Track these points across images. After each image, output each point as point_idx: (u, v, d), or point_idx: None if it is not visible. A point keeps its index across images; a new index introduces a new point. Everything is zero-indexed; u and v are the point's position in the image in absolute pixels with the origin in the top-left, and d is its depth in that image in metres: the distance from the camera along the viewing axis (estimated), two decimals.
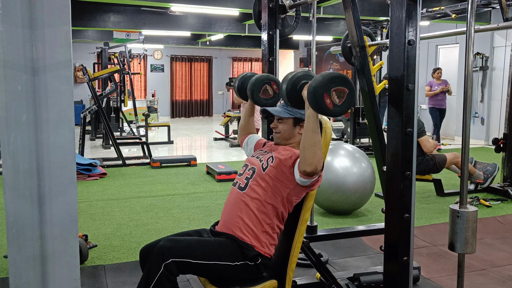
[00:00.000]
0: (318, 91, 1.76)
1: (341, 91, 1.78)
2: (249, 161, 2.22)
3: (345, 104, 1.80)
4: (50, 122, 1.41)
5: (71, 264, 1.48)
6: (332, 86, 1.76)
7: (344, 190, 4.24)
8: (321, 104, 1.77)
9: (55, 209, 1.44)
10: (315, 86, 1.77)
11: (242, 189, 2.11)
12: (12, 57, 1.35)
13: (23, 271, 1.43)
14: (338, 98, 1.78)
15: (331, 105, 1.77)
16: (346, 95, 1.79)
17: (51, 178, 1.42)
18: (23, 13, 1.35)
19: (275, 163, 2.08)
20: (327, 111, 1.80)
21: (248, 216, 2.05)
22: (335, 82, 1.77)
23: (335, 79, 1.77)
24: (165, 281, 1.86)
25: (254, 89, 2.27)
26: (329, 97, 1.76)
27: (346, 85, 1.79)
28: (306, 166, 1.88)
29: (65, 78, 1.42)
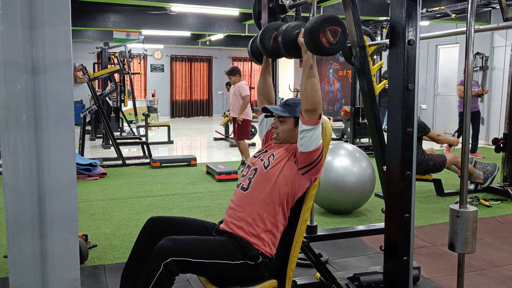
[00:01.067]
0: (314, 32, 1.88)
1: (335, 31, 1.91)
2: (251, 162, 2.24)
3: (340, 42, 1.92)
4: (50, 122, 1.41)
5: (71, 264, 1.48)
6: (326, 26, 1.89)
7: (344, 189, 4.25)
8: (318, 44, 1.90)
9: (55, 209, 1.44)
10: (311, 28, 1.89)
11: (245, 190, 2.12)
12: (12, 57, 1.35)
13: (23, 271, 1.43)
14: (333, 37, 1.91)
15: (327, 44, 1.90)
16: (340, 34, 1.92)
17: (51, 178, 1.42)
18: (23, 13, 1.35)
19: (276, 159, 2.12)
20: (324, 50, 1.92)
21: (251, 216, 2.05)
22: (329, 22, 1.89)
23: (328, 19, 1.90)
24: (165, 281, 1.86)
25: (264, 37, 2.28)
26: (325, 36, 1.89)
27: (339, 25, 1.91)
28: (307, 105, 2.00)
29: (65, 78, 1.42)
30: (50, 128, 1.41)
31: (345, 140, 8.89)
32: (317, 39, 1.88)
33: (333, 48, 1.92)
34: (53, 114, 1.41)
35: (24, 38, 1.36)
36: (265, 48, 2.29)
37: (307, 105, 2.00)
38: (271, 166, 2.10)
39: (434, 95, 10.82)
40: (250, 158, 2.28)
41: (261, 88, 2.46)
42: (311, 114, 2.01)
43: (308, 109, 2.00)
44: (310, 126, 2.01)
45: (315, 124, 2.01)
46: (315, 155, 2.04)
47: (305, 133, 2.02)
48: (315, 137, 2.02)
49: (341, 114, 9.68)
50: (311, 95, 1.99)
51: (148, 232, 2.14)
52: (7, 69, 1.35)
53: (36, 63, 1.37)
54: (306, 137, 2.02)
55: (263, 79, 2.45)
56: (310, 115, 2.01)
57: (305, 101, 2.01)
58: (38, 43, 1.37)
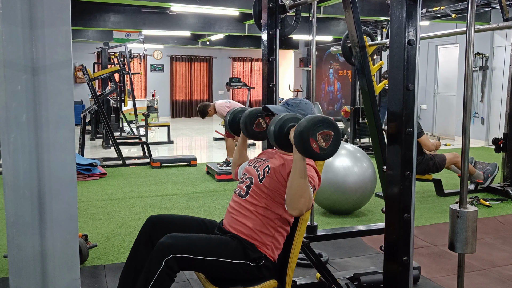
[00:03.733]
0: (304, 137, 1.75)
1: (327, 134, 1.78)
2: (247, 171, 2.22)
3: (332, 147, 1.80)
4: (50, 122, 1.41)
5: (71, 264, 1.49)
6: (317, 130, 1.76)
7: (344, 189, 4.24)
8: (308, 149, 1.77)
9: (55, 209, 1.44)
10: (301, 131, 1.76)
11: (243, 196, 2.12)
12: (12, 57, 1.35)
13: (23, 271, 1.43)
14: (324, 141, 1.78)
15: (318, 149, 1.78)
16: (332, 138, 1.79)
17: (51, 178, 1.42)
18: (23, 13, 1.35)
19: (270, 173, 2.09)
20: (314, 155, 1.79)
21: (252, 221, 2.05)
22: (320, 126, 1.77)
23: (320, 122, 1.77)
24: (166, 278, 1.86)
25: (247, 121, 2.26)
26: (315, 141, 1.77)
27: (331, 128, 1.79)
28: (291, 209, 1.87)
29: (65, 78, 1.42)
30: (50, 128, 1.41)
31: (345, 140, 8.89)
32: (307, 144, 1.76)
33: (325, 153, 1.79)
34: (53, 114, 1.41)
35: (24, 38, 1.36)
36: (248, 132, 2.28)
37: (290, 209, 1.86)
38: (265, 180, 2.08)
39: (434, 95, 10.82)
40: (246, 167, 2.27)
41: (237, 160, 2.45)
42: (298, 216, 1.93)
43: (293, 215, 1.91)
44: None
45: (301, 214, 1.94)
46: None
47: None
48: None
49: (341, 114, 9.68)
50: (295, 199, 1.84)
51: (148, 231, 2.14)
52: (7, 69, 1.35)
53: (36, 63, 1.37)
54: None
55: (240, 153, 2.45)
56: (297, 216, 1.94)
57: (289, 202, 1.86)
58: (38, 43, 1.37)
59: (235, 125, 2.39)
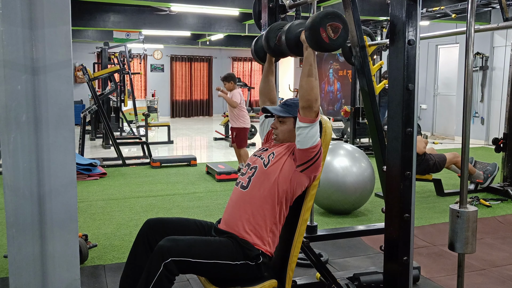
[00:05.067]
0: (315, 26, 1.87)
1: (336, 27, 1.90)
2: (251, 160, 2.24)
3: (340, 39, 1.91)
4: (50, 122, 1.41)
5: (71, 264, 1.49)
6: (327, 21, 1.88)
7: (344, 189, 4.24)
8: (318, 38, 1.88)
9: (55, 209, 1.44)
10: (312, 22, 1.88)
11: (245, 188, 2.12)
12: (12, 57, 1.35)
13: (23, 271, 1.43)
14: (333, 32, 1.90)
15: (327, 39, 1.89)
16: (341, 30, 1.91)
17: (51, 178, 1.42)
18: (23, 13, 1.35)
19: (275, 157, 2.13)
20: (324, 45, 1.90)
21: (252, 215, 2.05)
22: (330, 18, 1.88)
23: (330, 14, 1.89)
24: (165, 281, 1.86)
25: (269, 36, 2.30)
26: (325, 31, 1.88)
27: (340, 21, 1.91)
28: (303, 101, 2.00)
29: (65, 78, 1.42)
30: (50, 128, 1.41)
31: (345, 140, 8.89)
32: (317, 33, 1.87)
33: (333, 43, 1.90)
34: (53, 114, 1.41)
35: (24, 38, 1.36)
36: (270, 47, 2.31)
37: (303, 102, 2.01)
38: (270, 164, 2.11)
39: (434, 95, 10.82)
40: (250, 157, 2.29)
41: (263, 88, 2.47)
42: (306, 111, 2.01)
43: (304, 106, 2.01)
44: (306, 123, 2.01)
45: (311, 122, 2.01)
46: (312, 152, 2.04)
47: (301, 130, 2.02)
48: (311, 135, 2.02)
49: (341, 114, 9.68)
50: (307, 92, 1.98)
51: (146, 234, 2.13)
52: (7, 69, 1.35)
53: (36, 63, 1.37)
54: (302, 134, 2.02)
55: (266, 79, 2.46)
56: (306, 112, 2.01)
57: (301, 98, 2.02)
58: (38, 43, 1.37)
59: (259, 50, 2.46)
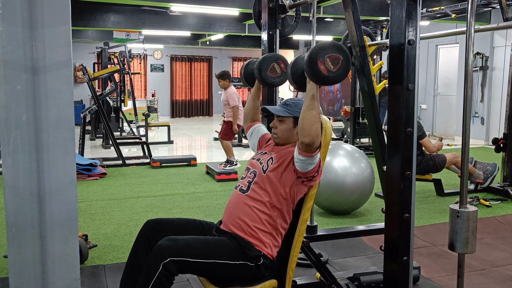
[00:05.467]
0: (312, 58, 1.81)
1: (336, 58, 1.82)
2: (250, 164, 2.23)
3: (340, 71, 1.84)
4: (50, 122, 1.41)
5: (71, 264, 1.48)
6: (326, 52, 1.81)
7: (343, 190, 4.24)
8: (315, 71, 1.82)
9: (55, 209, 1.44)
10: (310, 54, 1.83)
11: (244, 192, 2.12)
12: (12, 57, 1.35)
13: (23, 271, 1.43)
14: (333, 64, 1.82)
15: (326, 71, 1.82)
16: (341, 62, 1.84)
17: (51, 178, 1.42)
18: (23, 13, 1.35)
19: (274, 164, 2.10)
20: (321, 77, 1.83)
21: (251, 218, 2.05)
22: (329, 49, 1.82)
23: (329, 46, 1.82)
24: (164, 281, 1.85)
25: (262, 67, 2.29)
26: (323, 63, 1.81)
27: (340, 52, 1.83)
28: (303, 137, 1.91)
29: (65, 78, 1.42)
30: (50, 128, 1.41)
31: (345, 140, 8.89)
32: (314, 66, 1.80)
33: (333, 76, 1.82)
34: (53, 114, 1.41)
35: (24, 38, 1.36)
36: (262, 77, 2.30)
37: (303, 137, 1.91)
38: (269, 170, 2.09)
39: (434, 95, 10.82)
40: (249, 161, 2.27)
41: (249, 111, 2.48)
42: (307, 147, 1.93)
43: (304, 142, 1.92)
44: (305, 157, 1.96)
45: (310, 156, 1.96)
46: (312, 171, 2.02)
47: (300, 162, 1.98)
48: (311, 164, 1.99)
49: (341, 114, 9.68)
50: (308, 127, 1.90)
51: (146, 234, 2.13)
52: (7, 69, 1.35)
53: (36, 63, 1.37)
54: (301, 164, 1.98)
55: (252, 103, 2.46)
56: (306, 148, 1.93)
57: (302, 133, 1.92)
58: (38, 43, 1.37)
59: (249, 75, 2.43)
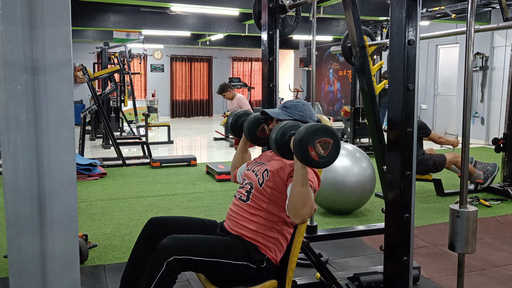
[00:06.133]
0: (303, 145, 1.76)
1: (325, 142, 1.78)
2: (246, 176, 2.22)
3: (331, 155, 1.80)
4: (50, 122, 1.41)
5: (71, 264, 1.49)
6: (316, 138, 1.77)
7: (344, 189, 4.24)
8: (307, 157, 1.77)
9: (55, 209, 1.44)
10: (299, 139, 1.77)
11: (245, 201, 2.12)
12: (12, 57, 1.35)
13: (23, 271, 1.43)
14: (323, 149, 1.78)
15: (317, 157, 1.78)
16: (331, 146, 1.80)
17: (51, 178, 1.42)
18: (23, 13, 1.35)
19: (270, 177, 2.08)
20: (313, 163, 1.79)
21: (255, 225, 2.05)
22: (318, 134, 1.77)
23: (318, 131, 1.78)
24: (167, 279, 1.86)
25: (251, 126, 2.25)
26: (314, 149, 1.77)
27: (329, 136, 1.79)
28: (294, 217, 1.86)
29: (65, 78, 1.42)
30: (50, 128, 1.41)
31: (345, 140, 8.89)
32: (305, 152, 1.76)
33: (324, 160, 1.79)
34: (53, 114, 1.41)
35: (24, 38, 1.36)
36: (251, 135, 2.27)
37: (293, 217, 1.86)
38: (265, 184, 2.08)
39: (434, 95, 10.82)
40: (245, 172, 2.26)
41: (236, 163, 2.44)
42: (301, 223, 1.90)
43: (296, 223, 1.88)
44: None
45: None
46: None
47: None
48: None
49: (341, 114, 9.68)
50: (298, 207, 1.83)
51: (149, 233, 2.14)
52: (7, 69, 1.35)
53: (36, 63, 1.37)
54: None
55: (240, 157, 2.44)
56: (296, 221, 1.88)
57: (292, 212, 1.86)
58: (38, 43, 1.37)
59: (237, 128, 2.39)
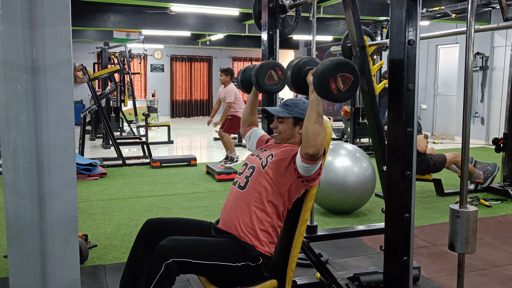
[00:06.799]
0: (325, 75, 1.79)
1: (347, 78, 1.81)
2: (248, 160, 2.23)
3: (349, 91, 1.83)
4: (50, 122, 1.41)
5: (71, 264, 1.48)
6: (339, 71, 1.79)
7: (344, 189, 4.24)
8: (326, 88, 1.80)
9: (55, 209, 1.44)
10: (323, 70, 1.80)
11: (242, 188, 2.11)
12: (12, 57, 1.35)
13: (23, 271, 1.43)
14: (343, 84, 1.81)
15: (336, 90, 1.80)
16: (351, 82, 1.82)
17: (51, 178, 1.42)
18: (23, 13, 1.35)
19: (274, 160, 2.10)
20: (331, 96, 1.82)
21: (248, 215, 2.05)
22: (343, 68, 1.80)
23: (343, 65, 1.80)
24: (166, 281, 1.86)
25: (259, 75, 2.28)
26: (335, 82, 1.80)
27: (352, 73, 1.82)
28: (308, 148, 1.90)
29: (65, 78, 1.42)
30: (50, 128, 1.41)
31: (345, 140, 8.89)
32: (326, 83, 1.79)
33: (341, 95, 1.82)
34: (53, 114, 1.41)
35: (24, 38, 1.36)
36: (259, 84, 2.30)
37: (308, 148, 1.90)
38: (269, 166, 2.09)
39: (434, 95, 10.82)
40: (248, 157, 2.28)
41: (247, 118, 2.49)
42: (311, 157, 1.92)
43: (309, 153, 1.91)
44: (308, 165, 1.96)
45: (314, 163, 1.96)
46: (315, 173, 2.03)
47: (303, 168, 1.97)
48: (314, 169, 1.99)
49: (341, 114, 9.68)
50: (312, 138, 1.89)
51: (146, 234, 2.14)
52: (7, 69, 1.35)
53: (36, 63, 1.37)
54: (304, 170, 1.98)
55: (250, 110, 2.48)
56: (310, 158, 1.92)
57: (307, 144, 1.91)
58: (38, 43, 1.37)
59: (246, 82, 2.43)
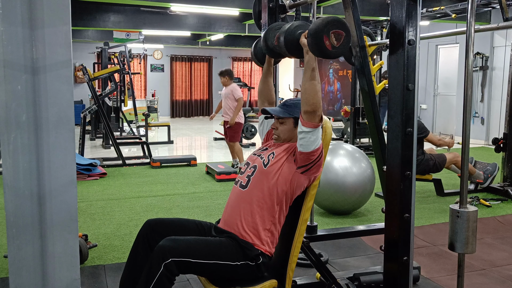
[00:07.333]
0: (318, 33, 1.86)
1: (339, 34, 1.89)
2: (250, 159, 2.24)
3: (342, 46, 1.90)
4: (50, 122, 1.41)
5: (71, 264, 1.49)
6: (331, 28, 1.87)
7: (344, 190, 4.24)
8: (321, 46, 1.88)
9: (55, 209, 1.44)
10: (316, 29, 1.87)
11: (244, 187, 2.12)
12: (12, 57, 1.35)
13: (23, 271, 1.43)
14: (336, 40, 1.89)
15: (330, 47, 1.88)
16: (344, 38, 1.90)
17: (51, 178, 1.42)
18: (23, 13, 1.35)
19: (275, 157, 2.12)
20: (326, 52, 1.90)
21: (250, 214, 2.05)
22: (334, 25, 1.87)
23: (334, 22, 1.88)
24: (165, 281, 1.86)
25: (268, 36, 2.31)
26: (328, 39, 1.87)
27: (343, 28, 1.89)
28: (307, 106, 1.98)
29: (65, 78, 1.42)
30: (50, 128, 1.41)
31: (345, 140, 8.89)
32: (320, 41, 1.87)
33: (336, 51, 1.90)
34: (53, 114, 1.41)
35: (24, 38, 1.36)
36: (268, 48, 2.31)
37: (307, 106, 1.99)
38: (270, 164, 2.10)
39: (434, 95, 10.82)
40: (249, 156, 2.28)
41: (262, 89, 2.48)
42: (310, 116, 1.99)
43: (308, 111, 1.99)
44: (309, 128, 2.00)
45: (315, 127, 2.00)
46: (314, 155, 2.04)
47: (304, 134, 2.01)
48: (314, 139, 2.01)
49: (341, 114, 9.68)
50: (311, 97, 1.97)
51: (146, 234, 2.14)
52: (7, 69, 1.35)
53: (36, 63, 1.37)
54: (305, 138, 2.01)
55: (265, 80, 2.47)
56: (310, 117, 2.00)
57: (305, 102, 1.99)
58: (38, 43, 1.37)
59: (259, 53, 2.48)
